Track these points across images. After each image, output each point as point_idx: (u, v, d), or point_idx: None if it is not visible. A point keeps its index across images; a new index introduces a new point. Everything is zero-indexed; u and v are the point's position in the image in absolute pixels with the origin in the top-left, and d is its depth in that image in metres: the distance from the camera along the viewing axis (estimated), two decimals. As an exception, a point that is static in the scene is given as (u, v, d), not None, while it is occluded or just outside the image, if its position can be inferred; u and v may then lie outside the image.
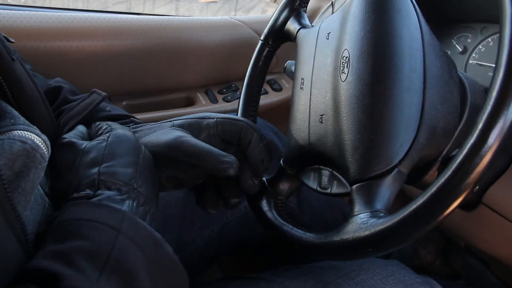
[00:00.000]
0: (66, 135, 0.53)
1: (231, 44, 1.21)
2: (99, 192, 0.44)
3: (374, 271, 0.68)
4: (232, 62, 1.24)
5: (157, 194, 0.53)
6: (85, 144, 0.50)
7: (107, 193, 0.44)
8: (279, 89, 1.27)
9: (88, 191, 0.44)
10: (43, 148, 0.43)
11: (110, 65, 1.06)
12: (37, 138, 0.42)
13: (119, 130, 0.53)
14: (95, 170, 0.46)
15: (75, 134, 0.54)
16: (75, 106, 0.62)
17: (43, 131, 0.47)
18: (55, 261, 0.36)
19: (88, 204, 0.43)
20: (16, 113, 0.44)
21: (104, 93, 0.64)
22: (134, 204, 0.46)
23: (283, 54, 1.04)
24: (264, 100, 1.22)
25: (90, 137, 0.56)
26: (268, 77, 1.24)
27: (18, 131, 0.41)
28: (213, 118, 0.59)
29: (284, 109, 0.80)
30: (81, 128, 0.57)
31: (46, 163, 0.43)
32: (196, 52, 1.18)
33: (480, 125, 0.40)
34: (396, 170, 0.49)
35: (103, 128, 0.54)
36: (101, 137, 0.51)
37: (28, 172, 0.40)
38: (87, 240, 0.38)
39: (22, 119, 0.43)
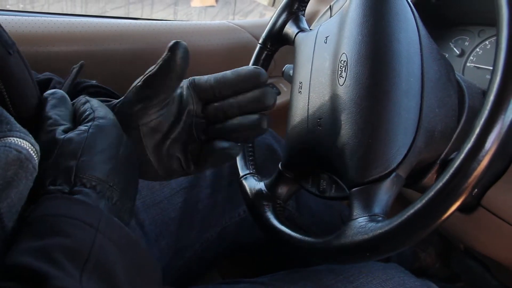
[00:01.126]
0: (52, 121, 0.49)
1: (229, 48, 1.21)
2: (76, 189, 0.43)
3: (374, 274, 0.68)
4: (230, 66, 1.22)
5: (135, 187, 0.52)
6: (63, 135, 0.47)
7: (85, 190, 0.43)
8: (277, 93, 1.27)
9: (64, 186, 0.43)
10: (36, 159, 0.42)
11: (109, 70, 1.06)
12: (31, 148, 0.41)
13: (101, 120, 0.49)
14: (73, 163, 0.44)
15: (60, 116, 0.51)
16: (60, 88, 0.61)
17: (36, 129, 0.46)
18: (37, 258, 0.35)
19: (65, 199, 0.42)
20: (11, 118, 0.43)
21: (81, 61, 0.64)
22: (109, 203, 0.45)
23: (281, 57, 1.04)
24: (262, 104, 1.21)
25: (74, 115, 0.53)
26: (266, 81, 1.24)
27: (14, 138, 0.40)
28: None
29: (283, 113, 0.80)
30: (67, 105, 0.53)
31: (36, 173, 0.42)
32: (194, 56, 1.17)
33: (477, 129, 0.40)
34: (394, 174, 0.49)
35: (87, 113, 0.51)
36: (83, 127, 0.48)
37: (19, 182, 0.39)
38: (67, 237, 0.37)
39: (18, 125, 0.42)
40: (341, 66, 0.55)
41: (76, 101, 0.54)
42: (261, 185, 0.66)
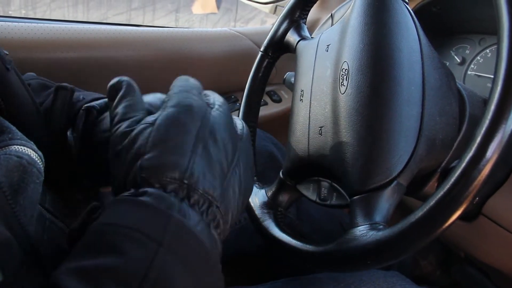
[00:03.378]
0: (118, 116, 0.44)
1: (231, 55, 1.22)
2: (141, 190, 0.38)
3: (375, 283, 0.68)
4: (231, 73, 1.24)
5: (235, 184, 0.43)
6: (135, 131, 0.41)
7: (151, 191, 0.38)
8: (278, 100, 1.27)
9: (132, 191, 0.39)
10: (39, 163, 0.42)
11: (109, 77, 1.06)
12: (33, 154, 0.41)
13: (172, 109, 0.42)
14: (138, 164, 0.39)
15: (128, 107, 0.44)
16: (48, 109, 0.57)
17: (38, 143, 0.45)
18: (82, 281, 0.32)
19: (131, 203, 0.37)
20: (13, 128, 0.43)
21: (70, 86, 0.59)
22: (184, 204, 0.38)
23: (283, 65, 1.04)
24: (263, 111, 1.22)
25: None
26: (267, 88, 1.24)
27: (15, 146, 0.40)
28: None
29: (284, 121, 0.80)
30: (134, 92, 0.47)
31: (43, 178, 0.42)
32: (195, 63, 1.18)
33: (479, 138, 0.40)
34: (395, 182, 0.49)
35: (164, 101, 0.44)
36: (150, 118, 0.42)
37: (26, 187, 0.39)
38: (121, 256, 0.33)
39: (19, 134, 0.43)
40: (342, 74, 0.55)
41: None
42: (262, 193, 0.66)
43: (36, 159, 0.42)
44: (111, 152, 0.42)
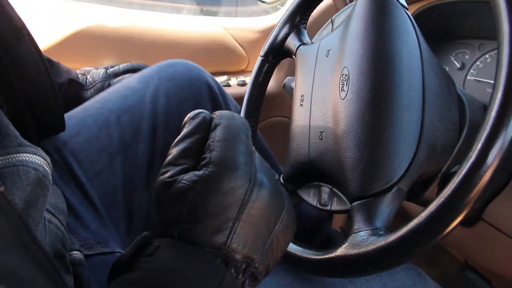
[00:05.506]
0: (169, 159, 0.41)
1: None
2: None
3: None
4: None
5: (267, 246, 0.42)
6: (175, 187, 0.39)
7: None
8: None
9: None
10: (50, 172, 0.40)
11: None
12: (45, 163, 0.39)
13: (213, 168, 0.39)
14: (176, 231, 0.39)
15: (184, 151, 0.41)
16: None
17: (49, 117, 0.45)
18: None
19: (189, 252, 0.37)
20: (17, 132, 0.40)
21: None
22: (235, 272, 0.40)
23: (281, 69, 1.04)
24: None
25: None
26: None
27: (28, 154, 0.37)
28: None
29: (284, 125, 0.80)
30: (202, 130, 0.42)
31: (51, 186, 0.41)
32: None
33: (479, 144, 0.40)
34: (396, 187, 0.49)
35: (207, 152, 0.40)
36: (193, 177, 0.39)
37: (37, 201, 0.38)
38: None
39: (24, 141, 0.40)
40: (342, 79, 0.55)
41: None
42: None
43: (48, 169, 0.39)
44: (155, 193, 0.41)
